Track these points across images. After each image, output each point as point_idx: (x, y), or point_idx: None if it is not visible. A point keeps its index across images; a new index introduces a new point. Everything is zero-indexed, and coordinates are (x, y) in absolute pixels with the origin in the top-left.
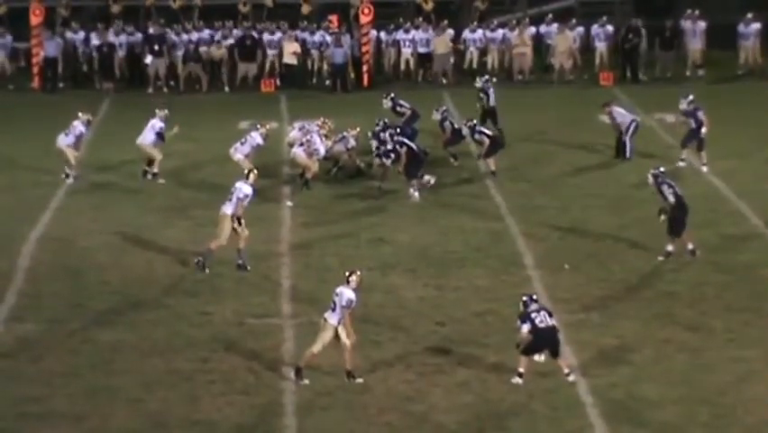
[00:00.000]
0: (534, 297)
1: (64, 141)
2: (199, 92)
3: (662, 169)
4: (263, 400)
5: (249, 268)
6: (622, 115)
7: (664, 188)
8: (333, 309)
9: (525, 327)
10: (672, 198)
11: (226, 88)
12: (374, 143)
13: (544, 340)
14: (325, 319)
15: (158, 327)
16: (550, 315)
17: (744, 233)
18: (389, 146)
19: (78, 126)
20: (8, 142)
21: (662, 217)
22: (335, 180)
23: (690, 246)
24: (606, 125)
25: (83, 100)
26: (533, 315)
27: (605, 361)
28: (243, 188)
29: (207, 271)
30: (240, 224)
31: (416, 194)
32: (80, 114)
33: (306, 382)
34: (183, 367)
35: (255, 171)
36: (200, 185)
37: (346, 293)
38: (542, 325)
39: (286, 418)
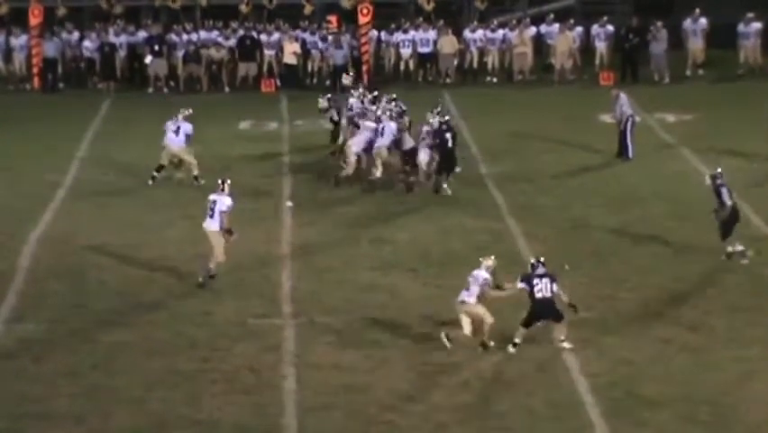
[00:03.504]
0: (542, 260)
1: (176, 143)
2: (199, 92)
3: (719, 170)
4: (264, 400)
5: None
6: (625, 105)
7: (723, 190)
8: (468, 290)
9: (521, 285)
10: (728, 201)
11: (226, 89)
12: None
13: (543, 311)
14: (463, 301)
15: (159, 327)
16: (552, 281)
17: (745, 232)
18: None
19: (184, 125)
20: (8, 142)
21: (714, 217)
22: (336, 181)
23: (730, 249)
24: (606, 125)
25: (83, 100)
26: (534, 280)
27: (605, 360)
28: (224, 201)
29: (201, 280)
30: (231, 234)
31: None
32: (181, 110)
33: (492, 343)
34: (184, 367)
35: (229, 181)
36: (201, 185)
37: (482, 274)
38: (539, 295)
39: (287, 417)
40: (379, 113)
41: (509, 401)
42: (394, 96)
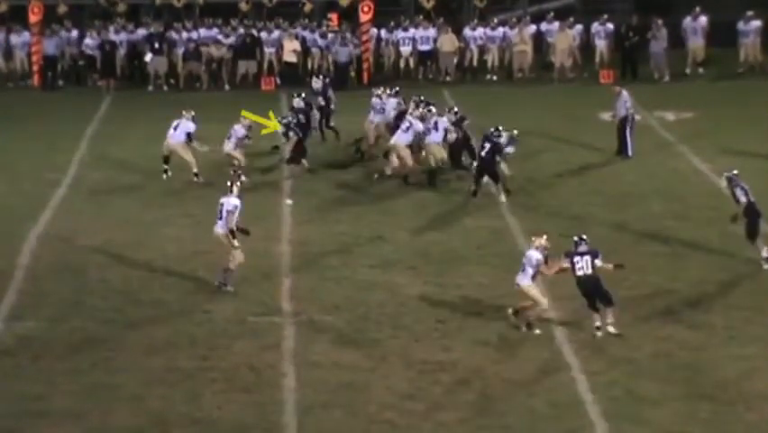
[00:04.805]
0: (584, 237)
1: (173, 138)
2: (199, 90)
3: (735, 171)
4: (264, 398)
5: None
6: (628, 102)
7: (737, 190)
8: (524, 270)
9: (564, 263)
10: (743, 199)
11: (226, 87)
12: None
13: (586, 288)
14: (517, 284)
15: (158, 325)
16: (594, 258)
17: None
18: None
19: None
20: (8, 139)
21: (737, 221)
22: (339, 177)
23: (765, 254)
24: (606, 123)
25: (83, 98)
26: (575, 258)
27: (605, 358)
28: (230, 201)
29: (231, 288)
30: (234, 237)
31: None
32: (184, 111)
33: (539, 331)
34: (183, 365)
35: (239, 183)
36: (201, 183)
37: (534, 254)
38: (580, 273)
39: (286, 415)
40: (421, 109)
41: (509, 400)
42: (422, 97)
